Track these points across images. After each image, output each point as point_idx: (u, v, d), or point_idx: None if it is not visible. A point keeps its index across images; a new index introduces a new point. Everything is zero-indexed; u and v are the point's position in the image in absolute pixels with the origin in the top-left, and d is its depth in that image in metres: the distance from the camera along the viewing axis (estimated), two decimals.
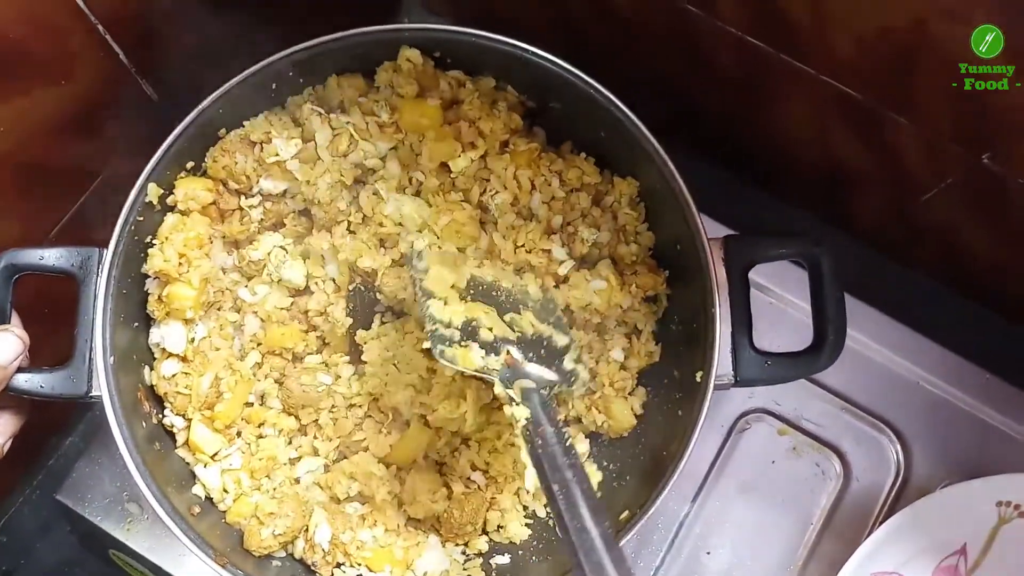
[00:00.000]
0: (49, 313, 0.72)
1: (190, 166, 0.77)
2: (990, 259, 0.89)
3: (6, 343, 0.66)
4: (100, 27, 0.72)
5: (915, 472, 0.90)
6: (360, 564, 0.78)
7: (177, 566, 0.84)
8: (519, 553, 0.81)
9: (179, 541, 0.70)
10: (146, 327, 0.78)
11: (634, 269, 0.81)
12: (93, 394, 0.70)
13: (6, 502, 0.95)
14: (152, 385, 0.78)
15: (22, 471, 0.95)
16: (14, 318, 0.70)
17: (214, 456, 0.78)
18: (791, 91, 0.82)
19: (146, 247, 0.75)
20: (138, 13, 0.76)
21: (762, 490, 0.90)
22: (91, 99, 0.77)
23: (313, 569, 0.78)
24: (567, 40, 0.80)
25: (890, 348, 0.92)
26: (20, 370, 0.68)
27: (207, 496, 0.78)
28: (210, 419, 0.77)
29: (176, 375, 0.77)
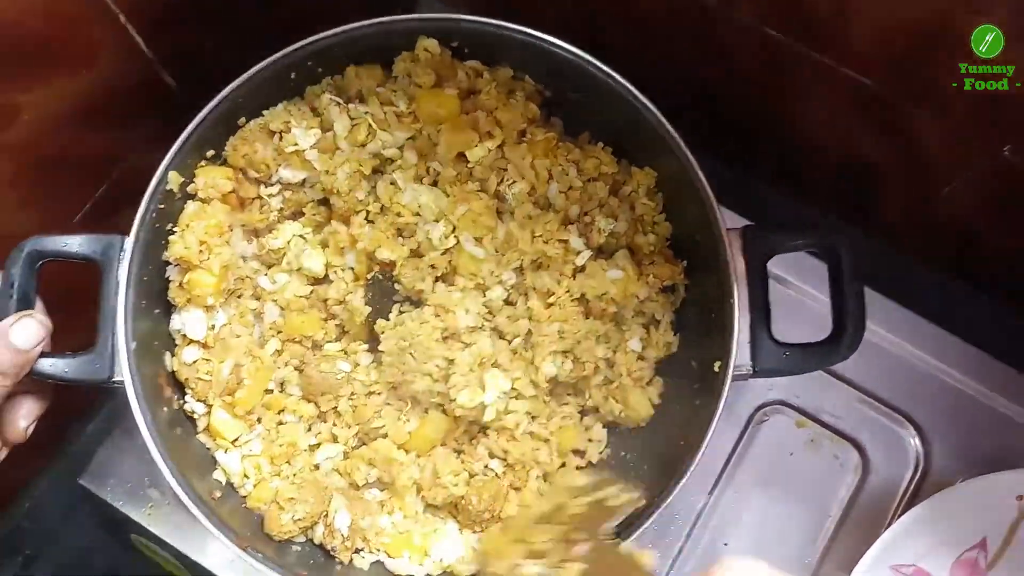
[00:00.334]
0: (71, 301, 0.72)
1: (210, 154, 0.77)
2: (1010, 252, 0.88)
3: (30, 328, 0.67)
4: (122, 16, 0.73)
5: (934, 465, 0.90)
6: (379, 550, 0.78)
7: (198, 550, 0.85)
8: None
9: (200, 525, 0.71)
10: (167, 314, 0.79)
11: (651, 259, 0.81)
12: (115, 379, 0.71)
13: (29, 488, 0.96)
14: (173, 371, 0.79)
15: (46, 458, 0.96)
16: (38, 304, 0.71)
17: (235, 442, 0.79)
18: (810, 83, 0.82)
19: (167, 235, 0.76)
20: (159, 3, 0.76)
21: (780, 482, 0.90)
22: (112, 88, 0.77)
23: (332, 554, 0.78)
24: (584, 31, 0.80)
25: (910, 341, 0.92)
26: (43, 355, 0.69)
27: (228, 481, 0.79)
28: (231, 405, 0.78)
29: (197, 361, 0.78)
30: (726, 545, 0.89)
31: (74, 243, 0.72)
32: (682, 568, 0.88)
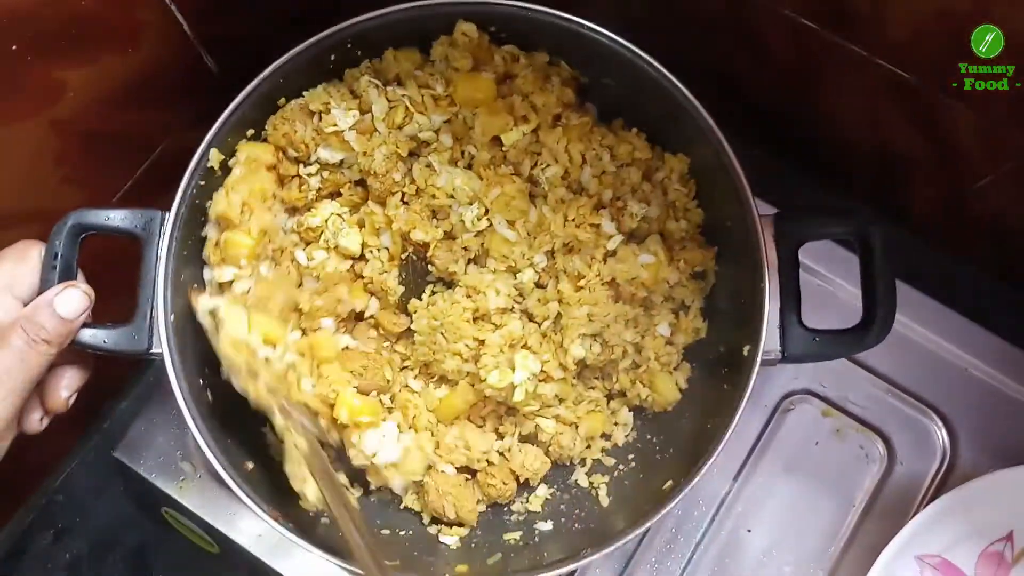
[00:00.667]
0: (109, 275, 0.74)
1: (250, 134, 0.78)
2: None
3: (74, 298, 0.69)
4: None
5: (961, 458, 0.90)
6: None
7: (227, 523, 0.86)
8: (561, 520, 0.83)
9: (230, 498, 0.72)
10: (203, 290, 0.80)
11: (683, 245, 0.82)
12: (153, 350, 0.72)
13: (63, 462, 0.98)
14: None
15: (78, 434, 0.98)
16: (79, 275, 0.72)
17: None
18: (844, 74, 0.82)
19: (207, 211, 0.77)
20: None
21: (805, 471, 0.90)
22: (155, 69, 0.79)
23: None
24: (619, 18, 0.81)
25: (938, 333, 0.92)
26: (85, 325, 0.71)
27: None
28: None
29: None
30: (749, 532, 0.89)
31: (116, 217, 0.73)
32: (704, 553, 0.89)
